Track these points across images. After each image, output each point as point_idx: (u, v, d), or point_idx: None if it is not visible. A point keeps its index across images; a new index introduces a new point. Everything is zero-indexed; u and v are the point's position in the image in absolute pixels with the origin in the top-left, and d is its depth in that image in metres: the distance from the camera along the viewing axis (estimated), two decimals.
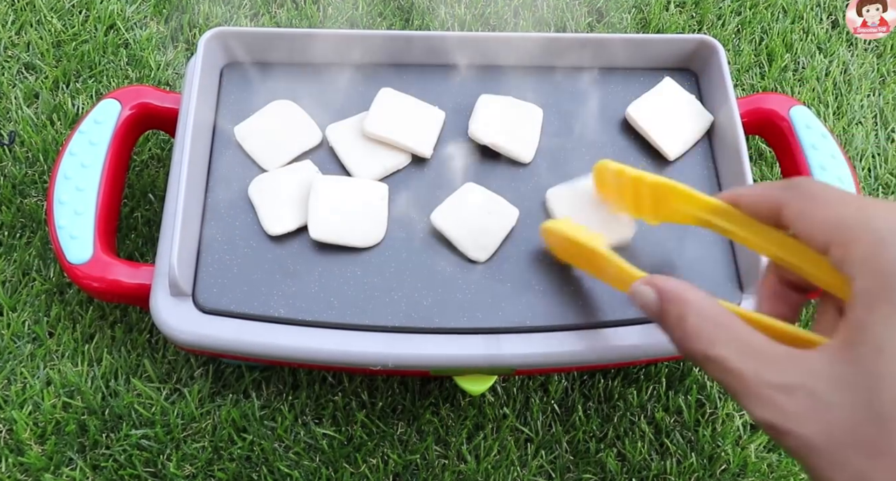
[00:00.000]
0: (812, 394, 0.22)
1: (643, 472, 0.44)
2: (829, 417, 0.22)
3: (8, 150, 0.52)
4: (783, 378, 0.23)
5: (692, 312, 0.26)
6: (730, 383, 0.25)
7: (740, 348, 0.25)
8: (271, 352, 0.39)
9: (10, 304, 0.47)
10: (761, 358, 0.24)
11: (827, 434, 0.22)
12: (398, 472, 0.44)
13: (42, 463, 0.42)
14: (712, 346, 0.25)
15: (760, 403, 0.23)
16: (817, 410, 0.22)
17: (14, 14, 0.57)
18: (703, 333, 0.26)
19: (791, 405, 0.23)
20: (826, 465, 0.22)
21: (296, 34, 0.45)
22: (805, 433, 0.22)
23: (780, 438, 0.23)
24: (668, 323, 0.28)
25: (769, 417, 0.23)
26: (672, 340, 0.28)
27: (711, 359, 0.25)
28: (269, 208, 0.41)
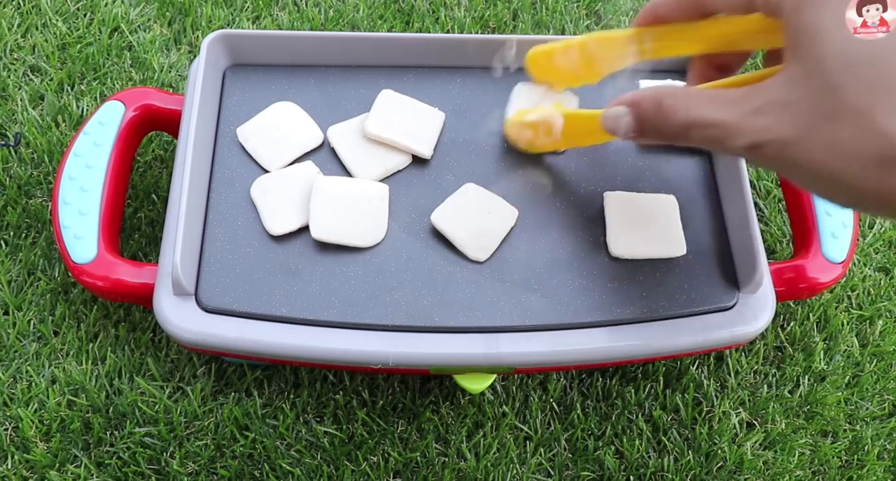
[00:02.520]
0: (778, 103, 0.26)
1: (641, 470, 0.45)
2: (795, 111, 0.25)
3: (14, 152, 0.52)
4: (754, 104, 0.26)
5: (664, 96, 0.30)
6: (713, 135, 0.28)
7: (713, 104, 0.28)
8: (273, 351, 0.39)
9: (15, 303, 0.47)
10: (733, 102, 0.27)
11: (796, 125, 0.25)
12: (399, 470, 0.44)
13: (47, 461, 0.43)
14: (690, 111, 0.28)
15: (742, 133, 0.27)
16: (784, 112, 0.25)
17: (20, 17, 0.58)
18: (679, 106, 0.29)
19: (764, 120, 0.26)
20: (802, 149, 0.25)
21: (297, 36, 0.46)
22: (779, 135, 0.26)
23: (762, 152, 0.26)
24: (647, 117, 0.30)
25: (750, 138, 0.26)
26: (656, 132, 0.30)
27: (693, 121, 0.28)
28: (271, 209, 0.41)
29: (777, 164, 0.27)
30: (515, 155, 0.44)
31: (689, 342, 0.40)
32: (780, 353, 0.49)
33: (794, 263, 0.44)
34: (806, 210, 0.45)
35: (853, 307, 0.51)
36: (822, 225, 0.45)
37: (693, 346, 0.40)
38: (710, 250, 0.42)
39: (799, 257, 0.44)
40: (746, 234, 0.41)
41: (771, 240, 0.52)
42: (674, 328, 0.40)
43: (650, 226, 0.42)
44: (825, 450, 0.46)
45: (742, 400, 0.47)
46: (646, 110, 0.30)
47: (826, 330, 0.50)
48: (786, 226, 0.53)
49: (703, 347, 0.41)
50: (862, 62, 0.23)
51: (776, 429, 0.46)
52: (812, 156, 0.25)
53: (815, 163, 0.25)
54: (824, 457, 0.46)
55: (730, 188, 0.43)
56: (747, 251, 0.41)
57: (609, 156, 0.44)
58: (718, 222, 0.43)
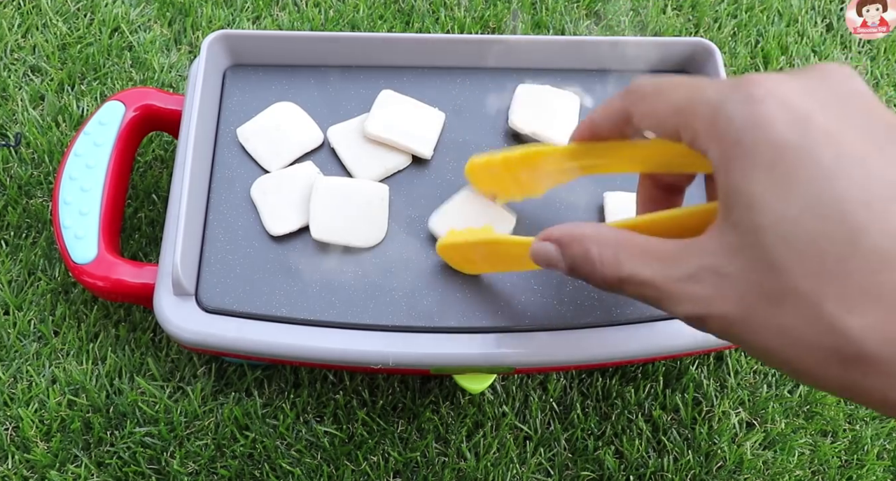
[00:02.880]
0: (715, 273, 0.23)
1: (640, 469, 0.45)
2: (734, 288, 0.22)
3: (14, 152, 0.52)
4: (687, 269, 0.24)
5: (592, 244, 0.27)
6: (648, 294, 0.25)
7: (644, 259, 0.25)
8: (273, 351, 0.39)
9: (16, 303, 0.47)
10: (663, 259, 0.25)
11: (738, 303, 0.22)
12: (398, 470, 0.44)
13: (47, 460, 0.43)
14: (621, 268, 0.26)
15: (677, 300, 0.24)
16: (723, 286, 0.23)
17: (20, 17, 0.58)
18: (608, 259, 0.26)
19: (701, 290, 0.23)
20: (750, 331, 0.22)
21: (297, 37, 0.46)
22: (721, 311, 0.23)
23: (705, 325, 0.24)
24: (577, 264, 0.28)
25: (689, 310, 0.24)
26: (587, 279, 0.28)
27: (625, 279, 0.26)
28: (271, 209, 0.41)
29: (727, 339, 0.24)
30: None
31: (688, 342, 0.40)
32: None
33: None
34: None
35: None
36: None
37: (693, 346, 0.40)
38: None
39: None
40: None
41: None
42: (673, 328, 0.40)
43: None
44: (825, 450, 0.46)
45: (742, 400, 0.47)
46: (574, 255, 0.28)
47: None
48: None
49: (702, 347, 0.41)
50: (802, 239, 0.21)
51: (776, 429, 0.46)
52: (762, 339, 0.22)
53: (767, 347, 0.22)
54: (824, 457, 0.46)
55: None
56: None
57: None
58: None
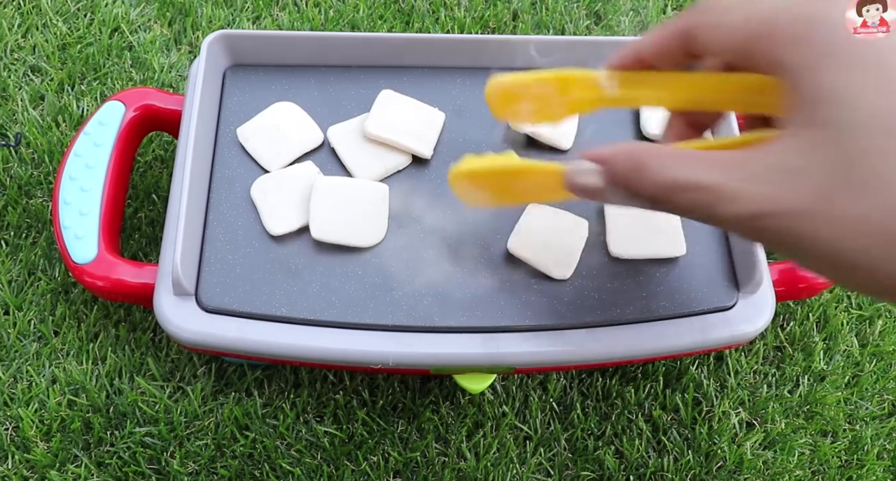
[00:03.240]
0: (786, 170, 0.23)
1: (641, 469, 0.45)
2: (809, 181, 0.22)
3: (14, 152, 0.52)
4: (753, 170, 0.23)
5: (644, 152, 0.26)
6: (702, 200, 0.24)
7: (703, 165, 0.24)
8: (273, 351, 0.39)
9: (16, 303, 0.47)
10: (728, 165, 0.24)
11: (812, 195, 0.22)
12: (398, 470, 0.44)
13: (47, 460, 0.43)
14: (676, 170, 0.25)
15: (740, 200, 0.23)
16: (796, 181, 0.22)
17: (20, 17, 0.58)
18: (662, 164, 0.25)
19: (767, 187, 0.23)
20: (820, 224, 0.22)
21: (297, 37, 0.46)
22: (787, 205, 0.22)
23: (762, 223, 0.23)
24: (622, 177, 0.27)
25: (752, 207, 0.23)
26: (631, 194, 0.27)
27: (678, 182, 0.25)
28: (271, 209, 0.41)
29: (774, 238, 0.24)
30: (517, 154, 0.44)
31: (688, 342, 0.40)
32: (779, 353, 0.49)
33: (793, 263, 0.44)
34: None
35: (853, 307, 0.51)
36: None
37: (693, 346, 0.40)
38: (709, 250, 0.42)
39: None
40: None
41: None
42: (673, 328, 0.40)
43: (650, 226, 0.42)
44: (825, 450, 0.46)
45: (742, 400, 0.47)
46: (621, 167, 0.27)
47: (826, 330, 0.50)
48: None
49: (702, 347, 0.41)
50: (892, 132, 0.21)
51: (776, 429, 0.46)
52: (829, 229, 0.22)
53: (830, 238, 0.22)
54: (824, 457, 0.46)
55: None
56: (747, 251, 0.41)
57: None
58: None
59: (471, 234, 0.42)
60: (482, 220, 0.42)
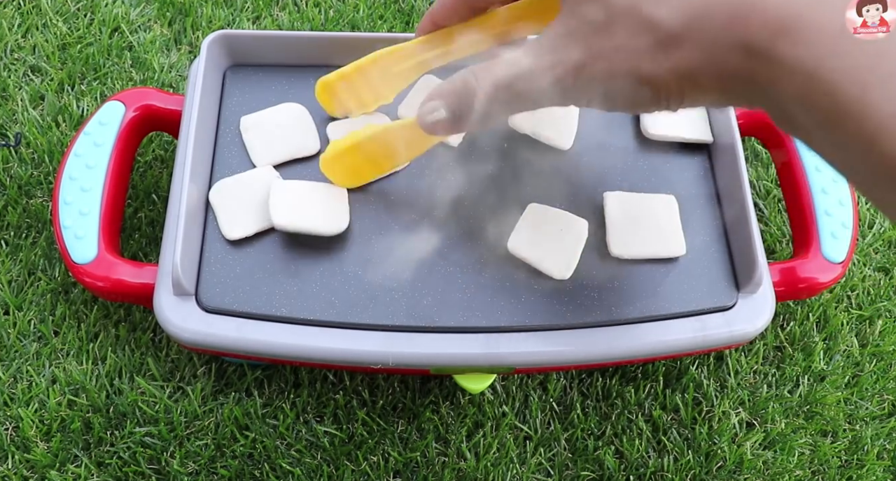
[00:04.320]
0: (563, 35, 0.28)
1: (641, 469, 0.45)
2: (578, 36, 0.28)
3: (14, 152, 0.52)
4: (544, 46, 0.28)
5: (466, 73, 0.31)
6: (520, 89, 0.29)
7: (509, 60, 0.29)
8: (273, 351, 0.39)
9: (16, 303, 0.47)
10: (526, 52, 0.29)
11: (582, 46, 0.27)
12: (398, 470, 0.44)
13: (47, 460, 0.43)
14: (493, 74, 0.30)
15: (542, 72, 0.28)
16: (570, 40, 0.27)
17: (20, 17, 0.58)
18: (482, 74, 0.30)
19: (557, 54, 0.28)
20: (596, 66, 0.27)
21: (297, 37, 0.46)
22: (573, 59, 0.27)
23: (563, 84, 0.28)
24: (461, 100, 0.31)
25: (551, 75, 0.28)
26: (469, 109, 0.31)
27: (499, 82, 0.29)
28: (228, 213, 0.41)
29: (580, 92, 0.28)
30: (516, 154, 0.44)
31: (688, 342, 0.40)
32: (779, 353, 0.49)
33: (793, 263, 0.44)
34: (805, 210, 0.45)
35: (853, 307, 0.51)
36: (822, 225, 0.45)
37: (693, 346, 0.40)
38: (709, 250, 0.42)
39: (798, 257, 0.44)
40: (746, 234, 0.41)
41: (770, 240, 0.52)
42: (673, 328, 0.40)
43: (650, 226, 0.42)
44: (825, 450, 0.46)
45: (742, 400, 0.47)
46: (454, 92, 0.31)
47: (826, 330, 0.50)
48: (785, 226, 0.53)
49: (702, 347, 0.41)
50: None
51: (776, 429, 0.46)
52: (604, 67, 0.27)
53: (608, 71, 0.27)
54: (824, 457, 0.46)
55: (729, 188, 0.43)
56: (747, 251, 0.41)
57: (609, 156, 0.44)
58: (718, 222, 0.43)
59: (471, 234, 0.42)
60: (482, 220, 0.42)
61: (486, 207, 0.42)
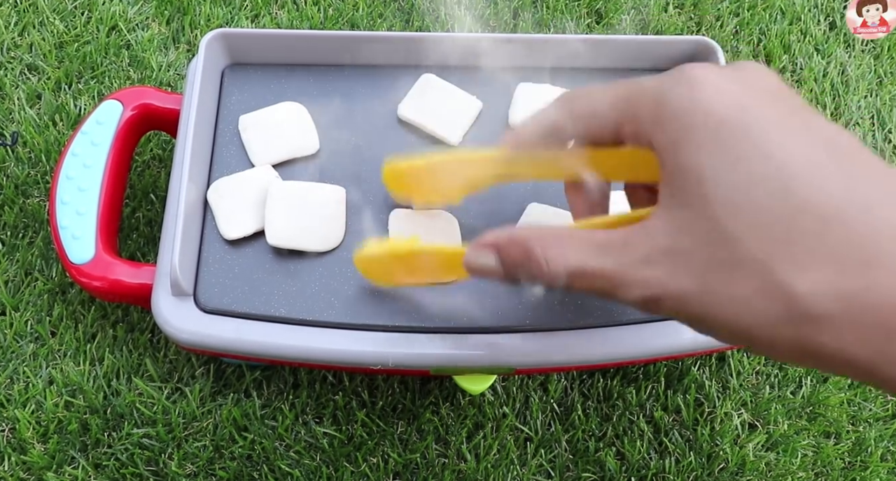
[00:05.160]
0: (668, 253, 0.23)
1: (642, 471, 0.45)
2: (687, 263, 0.23)
3: (10, 151, 0.52)
4: (639, 254, 0.24)
5: (534, 244, 0.27)
6: (600, 286, 0.25)
7: (591, 250, 0.25)
8: (272, 352, 0.39)
9: (12, 304, 0.47)
10: (612, 248, 0.25)
11: (693, 278, 0.23)
12: (398, 471, 0.44)
13: (44, 462, 0.43)
14: (567, 261, 0.26)
15: (632, 286, 0.24)
16: (676, 263, 0.23)
17: (17, 15, 0.58)
18: (553, 254, 0.26)
19: (655, 272, 0.24)
20: (705, 305, 0.23)
21: (296, 35, 0.45)
22: (676, 289, 0.23)
23: (660, 306, 0.24)
24: (518, 266, 0.28)
25: (643, 293, 0.24)
26: (533, 280, 0.28)
27: (573, 271, 0.26)
28: (226, 212, 0.41)
29: (681, 318, 0.25)
30: None
31: (690, 342, 0.40)
32: None
33: None
34: None
35: None
36: None
37: (694, 347, 0.40)
38: None
39: None
40: None
41: None
42: (675, 328, 0.40)
43: None
44: (828, 452, 0.45)
45: (744, 401, 0.47)
46: (513, 257, 0.28)
47: None
48: None
49: (704, 348, 0.41)
50: (751, 208, 0.22)
51: (778, 430, 0.46)
52: (716, 311, 0.23)
53: (718, 317, 0.23)
54: (827, 459, 0.45)
55: None
56: None
57: None
58: None
59: (471, 234, 0.41)
60: (482, 220, 0.42)
61: (486, 207, 0.42)
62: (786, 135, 0.22)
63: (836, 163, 0.22)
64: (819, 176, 0.22)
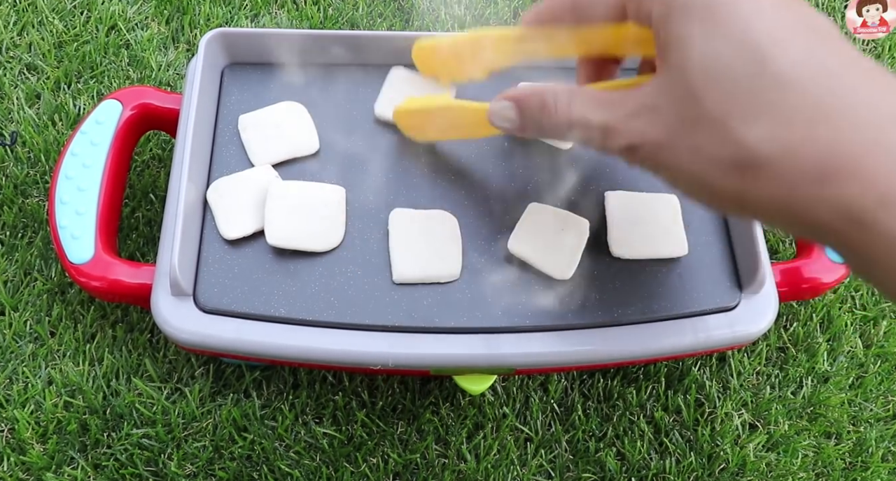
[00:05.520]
0: (650, 108, 0.27)
1: (642, 471, 0.44)
2: (663, 116, 0.27)
3: (10, 151, 0.52)
4: (629, 107, 0.28)
5: (548, 93, 0.31)
6: (594, 136, 0.29)
7: (595, 104, 0.29)
8: (272, 352, 0.39)
9: (11, 304, 0.47)
10: (612, 104, 0.29)
11: (665, 129, 0.27)
12: (398, 471, 0.44)
13: (44, 463, 0.43)
14: (573, 110, 0.30)
15: (619, 135, 0.28)
16: (655, 116, 0.27)
17: (16, 15, 0.58)
18: (562, 104, 0.30)
19: (638, 123, 0.27)
20: (670, 154, 0.27)
21: (296, 35, 0.45)
22: (651, 138, 0.27)
23: (637, 154, 0.28)
24: (533, 115, 0.32)
25: (626, 140, 0.28)
26: (538, 129, 0.32)
27: (575, 120, 0.30)
28: (225, 212, 0.41)
29: (649, 166, 0.28)
30: (516, 153, 0.44)
31: (690, 343, 0.40)
32: (782, 354, 0.49)
33: (796, 263, 0.43)
34: None
35: (857, 307, 0.50)
36: None
37: (695, 347, 0.40)
38: (712, 250, 0.42)
39: (802, 257, 0.44)
40: (749, 234, 0.40)
41: (773, 240, 0.52)
42: (675, 328, 0.40)
43: (651, 226, 0.41)
44: (829, 452, 0.45)
45: (744, 402, 0.47)
46: (531, 106, 0.32)
47: (829, 330, 0.49)
48: None
49: (704, 348, 0.40)
50: (720, 70, 0.25)
51: (779, 431, 0.46)
52: (678, 159, 0.26)
53: (681, 165, 0.26)
54: (828, 459, 0.45)
55: None
56: (750, 251, 0.40)
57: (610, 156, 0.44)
58: (720, 222, 0.43)
59: (471, 234, 0.41)
60: (482, 220, 0.42)
61: (487, 207, 0.42)
62: (768, 12, 0.25)
63: (807, 39, 0.24)
64: (788, 48, 0.24)
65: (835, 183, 0.23)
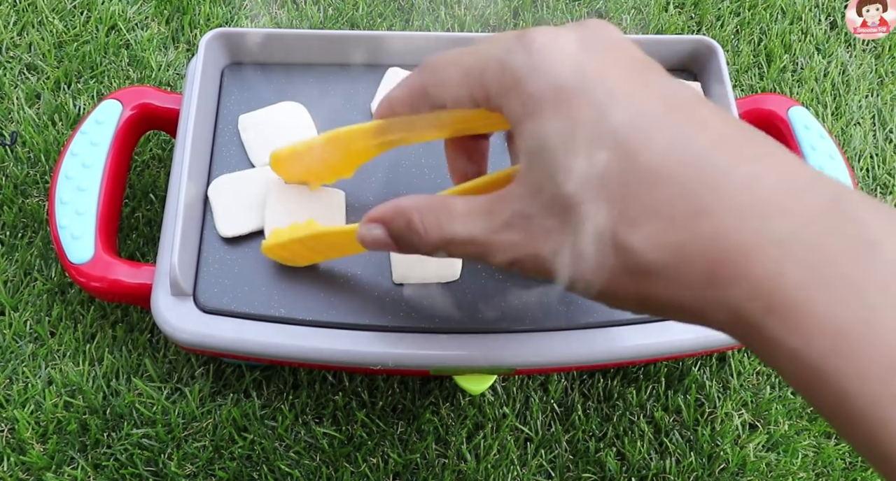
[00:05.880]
0: (523, 216, 0.25)
1: (642, 471, 0.44)
2: (538, 227, 0.24)
3: (10, 151, 0.52)
4: (500, 219, 0.25)
5: (413, 213, 0.28)
6: (472, 251, 0.27)
7: (464, 218, 0.27)
8: (272, 352, 0.39)
9: (11, 304, 0.47)
10: (484, 214, 0.26)
11: (543, 240, 0.24)
12: (398, 471, 0.44)
13: (43, 463, 0.43)
14: (443, 230, 0.27)
15: (498, 251, 0.26)
16: (530, 227, 0.25)
17: (16, 15, 0.58)
18: (430, 224, 0.27)
19: (514, 235, 0.25)
20: (558, 264, 0.24)
21: (296, 35, 0.45)
22: (532, 251, 0.25)
23: (523, 266, 0.26)
24: (402, 236, 0.29)
25: (507, 256, 0.26)
26: (414, 250, 0.29)
27: (448, 240, 0.27)
28: (224, 210, 0.41)
29: (543, 276, 0.26)
30: None
31: (690, 342, 0.40)
32: None
33: None
34: None
35: None
36: None
37: (695, 347, 0.40)
38: None
39: None
40: None
41: None
42: (675, 328, 0.40)
43: None
44: (829, 452, 0.45)
45: (745, 402, 0.47)
46: (399, 229, 0.29)
47: None
48: None
49: (705, 348, 0.40)
50: (588, 171, 0.23)
51: (779, 431, 0.46)
52: (567, 269, 0.24)
53: (572, 275, 0.24)
54: (828, 459, 0.45)
55: None
56: None
57: None
58: None
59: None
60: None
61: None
62: (622, 94, 0.23)
63: (670, 121, 0.22)
64: (651, 134, 0.22)
65: (723, 287, 0.21)
